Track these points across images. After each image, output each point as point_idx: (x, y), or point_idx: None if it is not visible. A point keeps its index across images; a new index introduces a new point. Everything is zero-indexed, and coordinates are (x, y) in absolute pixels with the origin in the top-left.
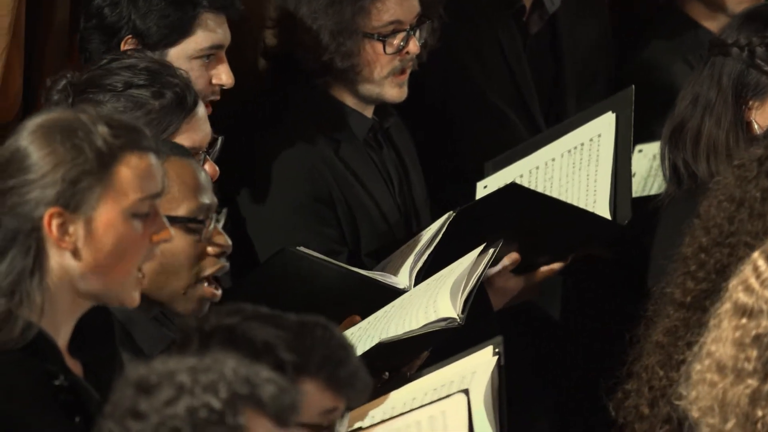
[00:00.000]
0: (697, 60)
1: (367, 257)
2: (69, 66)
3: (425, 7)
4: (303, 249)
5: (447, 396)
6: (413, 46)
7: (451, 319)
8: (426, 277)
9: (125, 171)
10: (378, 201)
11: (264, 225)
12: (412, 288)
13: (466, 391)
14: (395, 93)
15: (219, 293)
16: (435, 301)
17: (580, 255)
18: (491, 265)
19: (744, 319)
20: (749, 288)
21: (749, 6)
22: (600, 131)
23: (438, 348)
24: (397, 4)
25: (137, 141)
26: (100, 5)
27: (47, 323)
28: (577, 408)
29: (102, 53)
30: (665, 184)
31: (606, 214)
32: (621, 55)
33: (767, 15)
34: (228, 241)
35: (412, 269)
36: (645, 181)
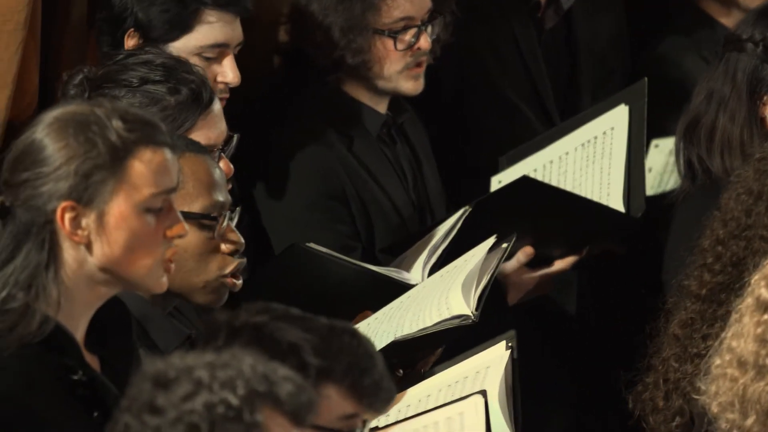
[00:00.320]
0: (713, 56)
1: (382, 253)
2: (86, 63)
3: (437, 3)
4: (313, 245)
5: (464, 397)
6: (424, 42)
7: (465, 317)
8: (438, 269)
9: (139, 165)
10: (391, 196)
11: (279, 222)
12: None
13: (483, 393)
14: (410, 86)
15: (239, 282)
16: (447, 298)
17: (594, 253)
18: (505, 260)
19: (766, 315)
20: None
21: (764, 2)
22: (613, 124)
23: (453, 343)
24: (408, 0)
25: (152, 135)
26: None
27: (64, 317)
28: (592, 402)
29: (108, 45)
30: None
31: (620, 206)
32: (636, 51)
33: None
34: (241, 239)
35: (425, 265)
36: (661, 177)
